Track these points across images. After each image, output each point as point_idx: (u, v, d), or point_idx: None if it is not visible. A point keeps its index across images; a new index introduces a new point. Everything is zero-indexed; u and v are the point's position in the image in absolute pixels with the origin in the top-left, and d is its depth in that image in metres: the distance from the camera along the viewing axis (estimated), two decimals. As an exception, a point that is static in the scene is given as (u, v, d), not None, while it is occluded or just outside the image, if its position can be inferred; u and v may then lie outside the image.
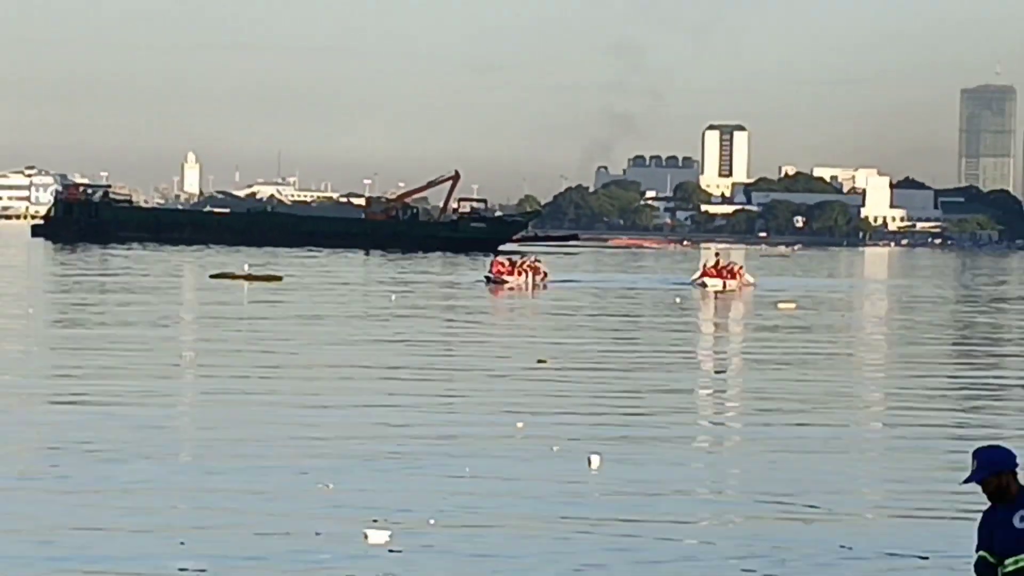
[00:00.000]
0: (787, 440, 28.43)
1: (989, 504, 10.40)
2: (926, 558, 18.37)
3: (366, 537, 17.98)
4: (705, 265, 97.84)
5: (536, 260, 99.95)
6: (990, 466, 10.38)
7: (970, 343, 57.89)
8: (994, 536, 10.34)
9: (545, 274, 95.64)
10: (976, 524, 10.38)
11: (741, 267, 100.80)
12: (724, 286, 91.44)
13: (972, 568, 10.46)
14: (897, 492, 23.13)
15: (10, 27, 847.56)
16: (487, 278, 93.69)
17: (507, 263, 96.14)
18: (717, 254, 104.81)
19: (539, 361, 42.09)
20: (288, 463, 23.97)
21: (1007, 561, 10.23)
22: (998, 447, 10.49)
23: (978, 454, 10.42)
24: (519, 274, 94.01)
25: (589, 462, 23.99)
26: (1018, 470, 10.37)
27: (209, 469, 23.30)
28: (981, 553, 10.38)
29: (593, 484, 22.72)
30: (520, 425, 28.31)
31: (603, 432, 28.03)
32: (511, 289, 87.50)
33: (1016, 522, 10.25)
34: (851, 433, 30.14)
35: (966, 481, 10.41)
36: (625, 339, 54.76)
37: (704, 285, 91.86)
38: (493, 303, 75.25)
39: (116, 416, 29.10)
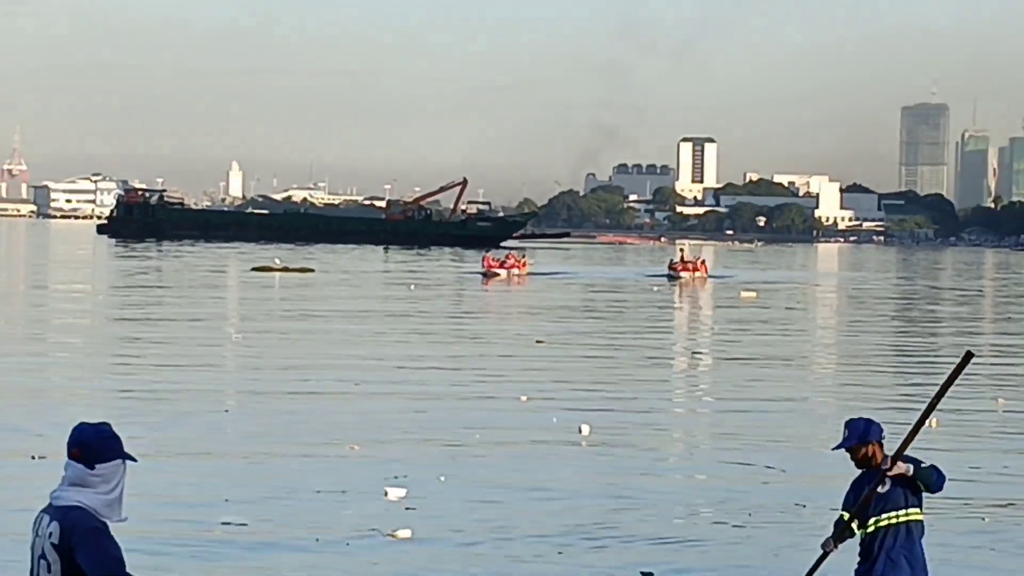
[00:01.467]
0: (751, 407, 28.44)
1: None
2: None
3: (386, 494, 17.97)
4: (672, 260, 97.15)
5: (522, 256, 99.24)
6: (858, 436, 10.16)
7: (909, 322, 57.94)
8: (858, 498, 10.10)
9: (527, 271, 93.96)
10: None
11: (704, 261, 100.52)
12: (690, 278, 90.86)
13: (833, 525, 10.21)
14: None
15: (81, 55, 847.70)
16: (481, 272, 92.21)
17: (496, 259, 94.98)
18: (682, 250, 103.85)
19: (538, 342, 42.08)
20: (319, 427, 23.97)
21: (869, 522, 10.01)
22: (867, 419, 10.26)
23: (849, 424, 10.23)
24: (507, 268, 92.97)
25: (580, 430, 24.01)
26: (884, 440, 10.13)
27: (250, 434, 23.31)
28: (842, 513, 10.16)
29: (585, 447, 22.71)
30: (524, 399, 28.28)
31: (593, 404, 28.04)
32: (501, 281, 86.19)
33: (879, 487, 10.01)
34: (807, 400, 30.13)
35: (836, 448, 10.21)
36: (611, 322, 54.74)
37: (672, 278, 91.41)
38: (492, 292, 75.14)
39: (168, 390, 29.07)
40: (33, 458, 20.08)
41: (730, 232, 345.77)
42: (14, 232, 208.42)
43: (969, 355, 8.58)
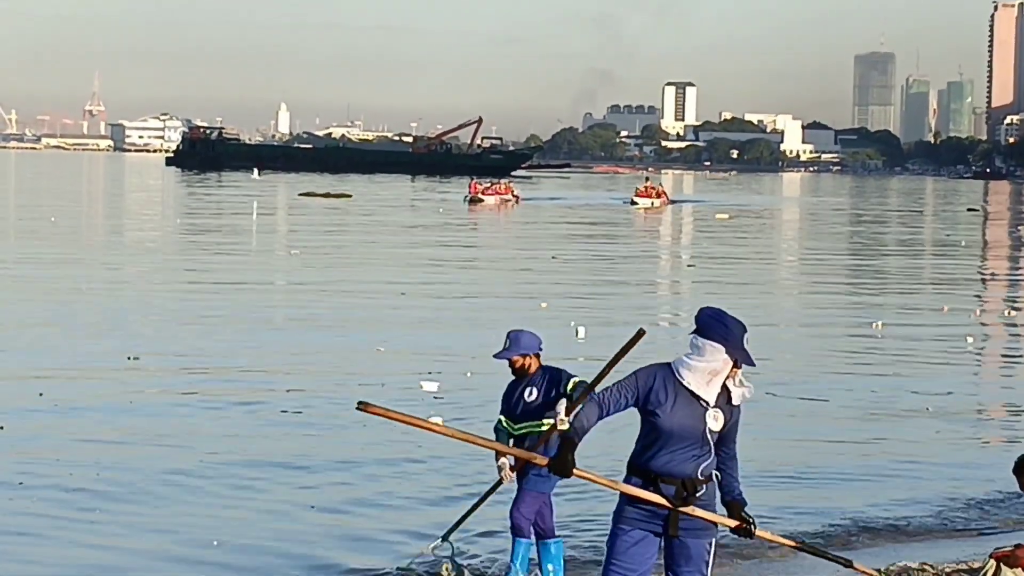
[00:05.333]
0: (724, 300, 28.38)
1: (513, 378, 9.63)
2: (826, 400, 18.41)
3: (421, 386, 18.00)
4: (637, 188, 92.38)
5: (510, 183, 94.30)
6: (516, 348, 9.60)
7: (859, 237, 57.92)
8: (511, 404, 9.60)
9: (517, 197, 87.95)
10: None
11: (664, 188, 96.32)
12: (651, 204, 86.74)
13: (493, 429, 9.68)
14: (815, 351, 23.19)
15: (153, 9, 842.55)
16: (467, 198, 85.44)
17: (482, 185, 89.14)
18: (648, 179, 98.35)
19: (552, 257, 41.96)
20: (350, 332, 23.97)
21: (517, 426, 9.48)
22: (528, 332, 9.67)
23: (510, 335, 9.65)
24: (494, 194, 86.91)
25: (576, 332, 23.82)
26: (542, 352, 9.64)
27: (299, 337, 23.37)
28: (500, 417, 9.64)
29: (581, 346, 22.69)
30: (544, 305, 27.95)
31: (593, 311, 28.02)
32: (489, 208, 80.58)
33: (526, 395, 9.51)
34: (771, 309, 30.16)
35: (497, 356, 9.63)
36: (608, 242, 54.67)
37: (635, 203, 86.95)
38: (497, 215, 74.49)
39: (228, 299, 29.14)
40: (129, 359, 20.11)
41: (707, 163, 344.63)
42: (95, 164, 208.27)
43: (641, 332, 8.01)
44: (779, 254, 49.26)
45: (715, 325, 6.87)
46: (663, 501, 6.84)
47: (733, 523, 6.99)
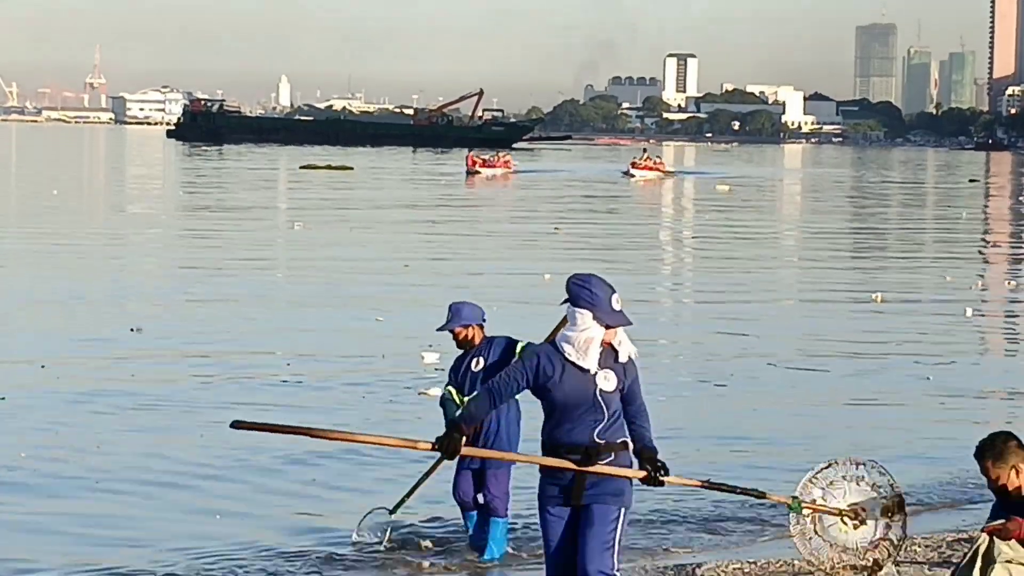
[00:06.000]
0: (727, 271, 28.48)
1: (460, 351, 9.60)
2: (827, 371, 18.41)
3: (422, 358, 17.97)
4: (634, 160, 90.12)
5: (508, 156, 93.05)
6: (458, 319, 9.58)
7: (860, 209, 57.91)
8: (459, 376, 9.59)
9: (508, 163, 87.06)
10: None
11: (662, 161, 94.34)
12: (649, 176, 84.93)
13: (439, 402, 9.70)
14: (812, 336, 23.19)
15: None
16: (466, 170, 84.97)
17: (480, 158, 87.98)
18: (645, 150, 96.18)
19: (555, 229, 41.88)
20: (350, 303, 23.97)
21: (466, 399, 9.36)
22: (469, 303, 9.68)
23: (451, 307, 9.61)
24: (491, 166, 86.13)
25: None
26: (485, 323, 9.64)
27: (299, 308, 23.38)
28: (449, 388, 9.63)
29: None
30: (548, 277, 27.80)
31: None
32: (488, 179, 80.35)
33: (472, 365, 9.53)
34: (771, 280, 30.19)
35: (440, 329, 9.62)
36: (608, 212, 54.63)
37: (632, 175, 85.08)
38: (497, 187, 74.38)
39: (231, 271, 29.13)
40: (132, 330, 20.12)
41: (709, 135, 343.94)
42: (96, 137, 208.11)
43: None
44: (779, 226, 49.21)
45: (581, 292, 6.90)
46: (565, 464, 6.89)
47: (641, 473, 6.98)
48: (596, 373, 6.88)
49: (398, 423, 14.21)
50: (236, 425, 7.14)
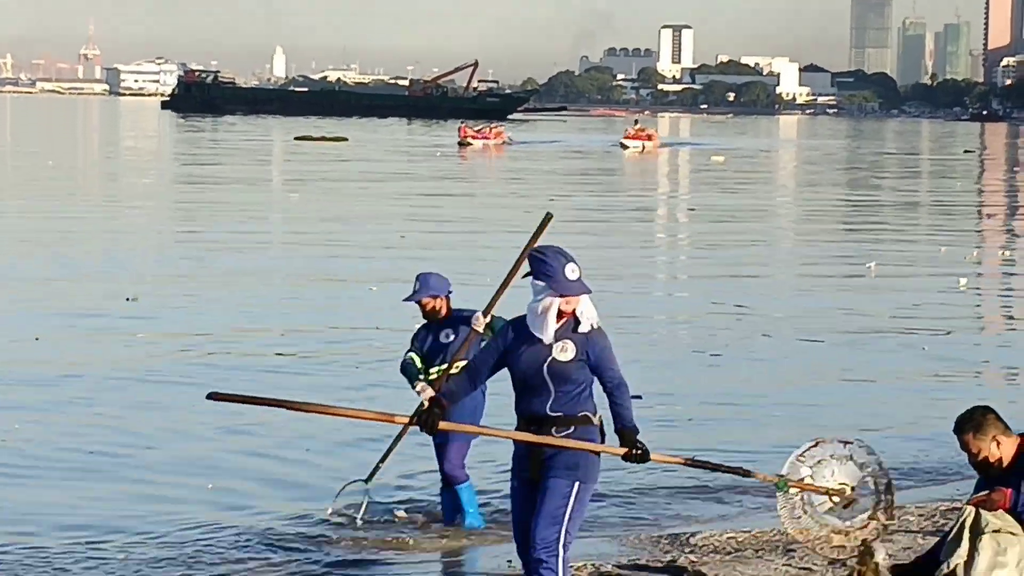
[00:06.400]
0: (722, 245, 28.47)
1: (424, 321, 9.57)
2: (821, 342, 18.37)
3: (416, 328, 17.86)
4: (627, 131, 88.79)
5: (500, 127, 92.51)
6: (426, 289, 9.54)
7: (854, 180, 57.85)
8: (424, 346, 9.53)
9: (505, 140, 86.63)
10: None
11: (655, 132, 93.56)
12: (643, 148, 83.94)
13: (400, 368, 9.59)
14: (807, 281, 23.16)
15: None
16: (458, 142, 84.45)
17: (472, 129, 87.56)
18: (637, 121, 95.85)
19: (549, 200, 41.82)
20: (342, 277, 23.91)
21: (432, 370, 9.44)
22: (436, 274, 9.67)
23: (419, 278, 9.59)
24: (483, 138, 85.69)
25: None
26: (452, 294, 9.60)
27: (295, 277, 23.35)
28: (411, 355, 9.53)
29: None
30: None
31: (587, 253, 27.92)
32: (477, 151, 79.75)
33: (442, 337, 9.50)
34: (766, 250, 30.16)
35: (406, 300, 9.60)
36: (608, 183, 54.59)
37: (625, 147, 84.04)
38: (488, 158, 74.22)
39: (224, 242, 29.07)
40: (128, 300, 20.09)
41: (704, 106, 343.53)
42: (90, 108, 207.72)
43: (549, 216, 8.23)
44: (774, 198, 49.18)
45: (538, 264, 6.90)
46: (526, 437, 6.91)
47: (621, 451, 6.93)
48: (552, 344, 6.85)
49: (389, 394, 14.17)
50: (212, 397, 7.11)
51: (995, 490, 7.34)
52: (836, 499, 7.83)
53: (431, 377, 9.45)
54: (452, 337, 9.51)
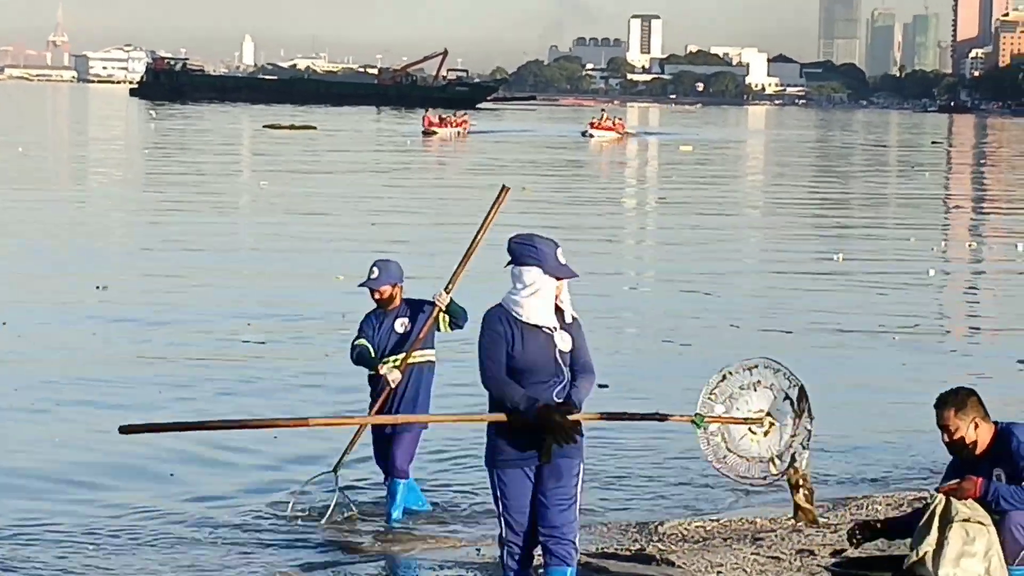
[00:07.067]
0: (689, 233, 28.46)
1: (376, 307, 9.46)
2: (790, 332, 18.39)
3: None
4: (592, 120, 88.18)
5: (465, 116, 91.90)
6: (387, 277, 9.44)
7: (823, 169, 57.95)
8: (377, 335, 9.42)
9: (471, 129, 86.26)
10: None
11: (622, 121, 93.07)
12: (607, 136, 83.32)
13: (350, 354, 9.47)
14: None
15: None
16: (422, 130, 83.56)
17: (437, 118, 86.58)
18: (603, 111, 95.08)
19: (523, 189, 41.68)
20: (309, 264, 23.82)
21: (386, 359, 9.36)
22: (394, 260, 9.56)
23: (377, 264, 9.47)
24: (447, 126, 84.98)
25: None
26: (404, 283, 9.52)
27: (261, 270, 23.27)
28: (362, 342, 9.42)
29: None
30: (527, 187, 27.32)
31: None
32: (441, 140, 79.04)
33: (397, 326, 9.42)
34: (733, 242, 30.17)
35: (362, 285, 9.47)
36: (576, 171, 54.57)
37: (591, 136, 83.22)
38: (452, 147, 73.96)
39: (196, 223, 28.96)
40: (98, 288, 20.00)
41: (673, 96, 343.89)
42: (59, 95, 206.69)
43: (505, 188, 8.43)
44: (742, 188, 49.24)
45: (526, 249, 6.95)
46: (491, 418, 6.99)
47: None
48: (555, 333, 6.93)
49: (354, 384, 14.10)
50: (124, 430, 7.16)
51: (966, 478, 7.34)
52: (756, 428, 7.75)
53: (390, 364, 9.36)
54: (410, 326, 9.44)
